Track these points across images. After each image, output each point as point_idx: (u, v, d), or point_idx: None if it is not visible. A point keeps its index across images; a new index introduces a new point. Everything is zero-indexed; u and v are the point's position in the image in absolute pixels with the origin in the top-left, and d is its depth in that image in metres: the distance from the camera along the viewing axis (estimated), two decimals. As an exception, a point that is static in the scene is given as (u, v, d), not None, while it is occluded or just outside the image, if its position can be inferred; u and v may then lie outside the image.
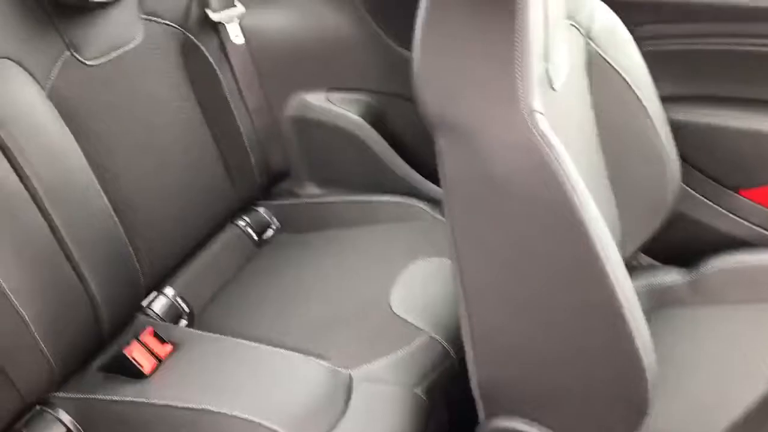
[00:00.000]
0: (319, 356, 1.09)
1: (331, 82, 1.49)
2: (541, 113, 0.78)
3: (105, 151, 1.16)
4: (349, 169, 1.52)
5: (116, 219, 1.12)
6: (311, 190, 1.58)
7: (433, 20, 0.78)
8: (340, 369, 1.06)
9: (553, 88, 0.89)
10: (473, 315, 0.88)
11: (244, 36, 1.41)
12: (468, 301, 0.88)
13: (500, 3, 0.75)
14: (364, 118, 1.48)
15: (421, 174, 1.49)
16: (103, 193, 1.11)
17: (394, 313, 1.17)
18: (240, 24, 1.40)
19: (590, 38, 1.07)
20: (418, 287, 1.23)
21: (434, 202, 1.44)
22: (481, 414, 1.04)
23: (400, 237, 1.37)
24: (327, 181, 1.56)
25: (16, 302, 0.96)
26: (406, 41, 1.38)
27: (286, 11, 1.42)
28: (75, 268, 1.04)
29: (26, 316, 0.97)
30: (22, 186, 0.99)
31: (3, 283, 0.94)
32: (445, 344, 1.13)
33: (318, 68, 1.47)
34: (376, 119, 1.50)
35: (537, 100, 0.79)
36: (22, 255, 0.97)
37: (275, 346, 1.12)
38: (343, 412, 1.01)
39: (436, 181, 1.49)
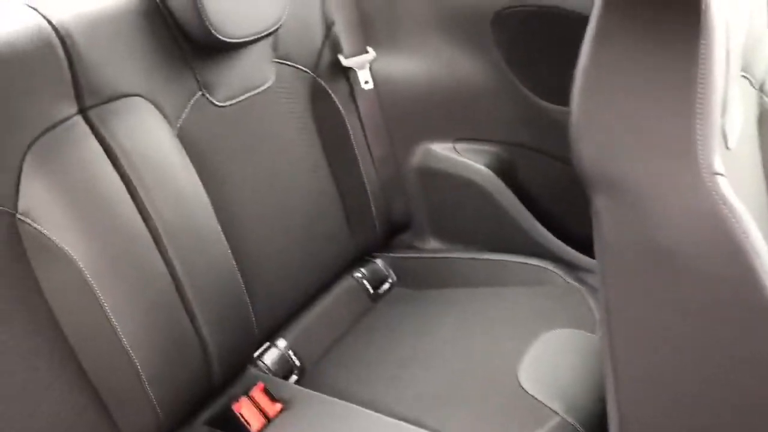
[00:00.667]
0: (440, 427, 0.99)
1: (459, 132, 1.42)
2: (723, 175, 0.67)
3: (228, 194, 1.13)
4: (474, 224, 1.43)
5: (235, 264, 1.08)
6: (432, 244, 1.49)
7: (597, 63, 0.69)
8: (461, 447, 0.96)
9: (728, 147, 0.77)
10: (624, 405, 0.76)
11: (374, 82, 1.36)
12: (619, 389, 0.75)
13: (681, 46, 0.65)
14: (492, 169, 1.39)
15: (552, 233, 1.38)
16: (223, 238, 1.07)
17: (523, 390, 1.05)
18: (370, 69, 1.36)
19: (763, 92, 0.94)
20: (549, 361, 1.11)
21: (568, 266, 1.32)
22: None
23: (530, 302, 1.26)
24: (449, 236, 1.47)
25: (128, 345, 0.92)
26: (544, 91, 1.31)
27: (417, 57, 1.37)
28: (190, 314, 1.00)
29: (137, 361, 0.93)
30: (145, 227, 0.96)
31: (117, 325, 0.91)
32: (581, 430, 1.00)
33: (446, 117, 1.40)
34: (506, 171, 1.41)
35: (717, 161, 0.67)
36: (140, 297, 0.94)
37: (388, 413, 1.02)
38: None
39: (570, 241, 1.40)
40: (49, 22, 0.91)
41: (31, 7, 0.92)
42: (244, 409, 1.02)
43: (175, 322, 0.98)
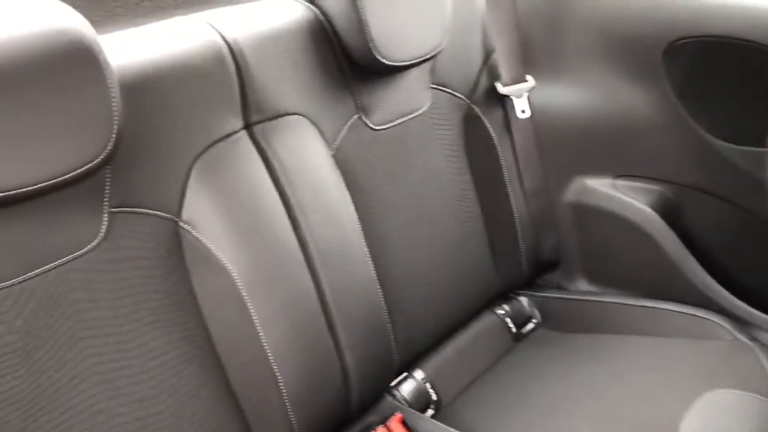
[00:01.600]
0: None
1: (620, 168, 1.33)
2: None
3: (377, 219, 1.12)
4: (630, 267, 1.33)
5: (380, 290, 1.06)
6: (582, 285, 1.41)
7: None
8: None
9: None
10: None
11: (531, 111, 1.32)
12: None
13: None
14: (655, 209, 1.29)
15: (720, 283, 1.25)
16: (371, 262, 1.05)
17: (685, 451, 0.95)
18: (528, 98, 1.31)
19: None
20: (716, 425, 0.99)
21: (736, 320, 1.20)
22: None
23: (692, 357, 1.14)
24: (602, 278, 1.38)
25: (272, 360, 0.91)
26: (720, 129, 1.20)
27: (579, 87, 1.30)
28: (334, 335, 0.99)
29: (280, 377, 0.92)
30: (298, 245, 0.97)
31: (264, 339, 0.91)
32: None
33: (607, 151, 1.33)
34: (669, 213, 1.30)
35: None
36: (288, 314, 0.94)
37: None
38: None
39: (740, 294, 1.27)
40: (224, 39, 0.94)
41: (210, 24, 0.95)
42: (380, 438, 0.98)
43: (319, 342, 0.97)
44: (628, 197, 1.31)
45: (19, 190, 0.70)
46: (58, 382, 0.78)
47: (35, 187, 0.71)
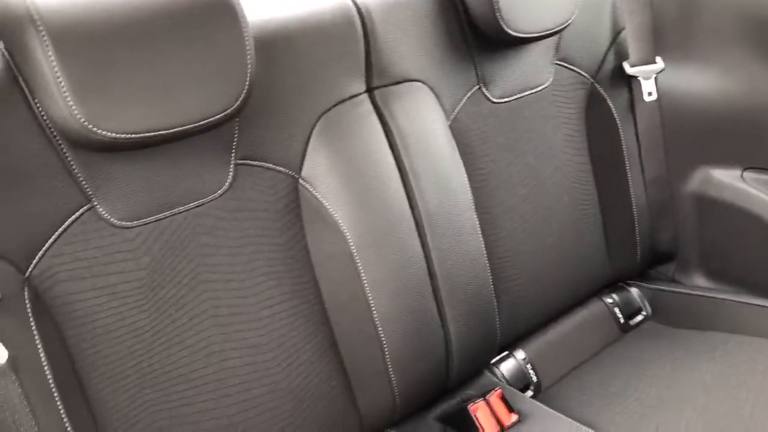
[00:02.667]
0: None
1: (750, 160, 1.25)
2: None
3: (489, 191, 1.10)
4: (753, 265, 1.26)
5: (488, 264, 1.05)
6: (697, 280, 1.34)
7: None
8: None
9: None
10: None
11: (657, 94, 1.26)
12: None
13: None
14: (786, 207, 1.21)
15: None
16: (481, 236, 1.04)
17: (806, 460, 0.89)
18: (655, 80, 1.25)
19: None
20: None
21: None
22: None
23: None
24: (720, 274, 1.31)
25: (378, 321, 0.93)
26: None
27: (711, 72, 1.23)
28: (438, 304, 0.99)
29: (384, 338, 0.93)
30: (410, 210, 0.97)
31: (372, 300, 0.92)
32: None
33: (736, 141, 1.25)
34: (801, 211, 1.22)
35: None
36: (395, 278, 0.94)
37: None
38: None
39: None
40: (354, 2, 0.95)
41: (340, -15, 0.96)
42: (480, 411, 0.98)
43: (423, 308, 0.97)
44: (757, 191, 1.23)
45: (159, 132, 0.74)
46: (178, 320, 0.82)
47: (174, 130, 0.74)
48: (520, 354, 1.18)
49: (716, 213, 1.29)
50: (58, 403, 0.71)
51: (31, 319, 0.71)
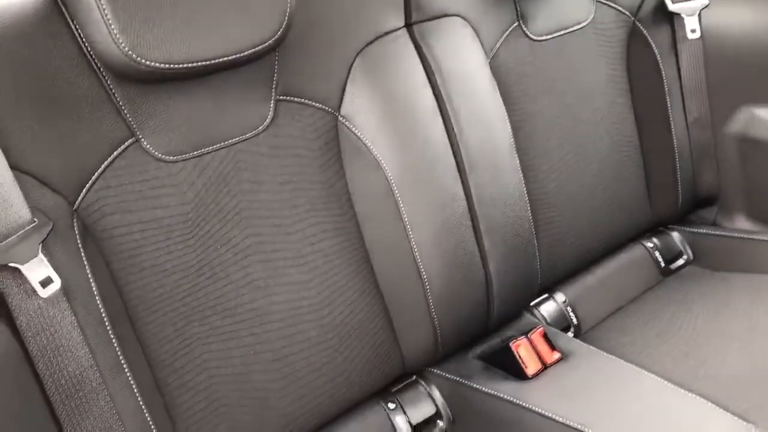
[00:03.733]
0: (737, 415, 0.86)
1: (797, 98, 1.22)
2: None
3: (528, 132, 1.09)
4: (799, 206, 1.23)
5: (528, 204, 1.04)
6: (740, 223, 1.31)
7: None
8: (771, 440, 0.82)
9: None
10: None
11: (701, 32, 1.22)
12: None
13: None
14: (835, 146, 1.18)
15: None
16: (521, 175, 1.03)
17: None
18: (699, 17, 1.22)
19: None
20: None
21: None
22: None
23: None
24: (764, 217, 1.29)
25: (419, 258, 0.92)
26: None
27: (758, 7, 1.19)
28: (479, 243, 0.98)
29: (425, 275, 0.93)
30: (449, 147, 0.96)
31: (412, 236, 0.92)
32: None
33: (783, 79, 1.22)
34: None
35: None
36: (436, 215, 0.94)
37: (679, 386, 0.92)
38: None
39: None
40: None
41: None
42: (522, 349, 0.97)
43: (464, 247, 0.97)
44: (804, 129, 1.20)
45: (201, 63, 0.73)
46: (223, 256, 0.83)
47: (216, 61, 0.74)
48: (560, 297, 1.17)
49: (761, 153, 1.26)
50: (110, 332, 0.72)
51: (81, 251, 0.71)
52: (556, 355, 0.99)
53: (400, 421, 0.97)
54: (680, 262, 1.30)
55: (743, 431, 0.82)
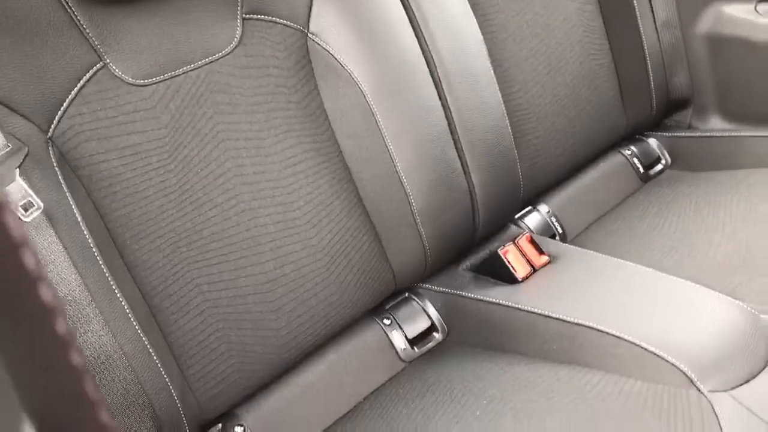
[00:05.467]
0: (726, 294, 0.87)
1: (764, -9, 1.22)
2: None
3: (500, 43, 1.08)
4: (771, 100, 1.24)
5: (505, 114, 1.03)
6: (716, 124, 1.33)
7: None
8: (760, 314, 0.84)
9: None
10: None
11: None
12: None
13: None
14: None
15: None
16: (496, 84, 1.02)
17: (837, 263, 0.90)
18: None
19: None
20: None
21: None
22: None
23: None
24: (738, 114, 1.30)
25: (401, 171, 0.92)
26: None
27: None
28: (460, 154, 0.98)
29: (409, 192, 0.93)
30: (423, 59, 0.95)
31: (393, 150, 0.91)
32: None
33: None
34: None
35: None
36: (415, 127, 0.93)
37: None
38: (763, 366, 0.79)
39: None
40: None
41: None
42: (510, 254, 0.98)
43: (445, 159, 0.97)
44: (772, 22, 1.21)
45: None
46: (205, 179, 0.82)
47: None
48: (543, 208, 1.18)
49: (731, 51, 1.26)
50: (99, 259, 0.71)
51: (61, 179, 0.70)
52: (544, 258, 1.00)
53: (396, 336, 0.98)
54: (659, 167, 1.31)
55: (732, 307, 0.84)
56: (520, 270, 0.98)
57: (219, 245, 0.83)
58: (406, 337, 0.98)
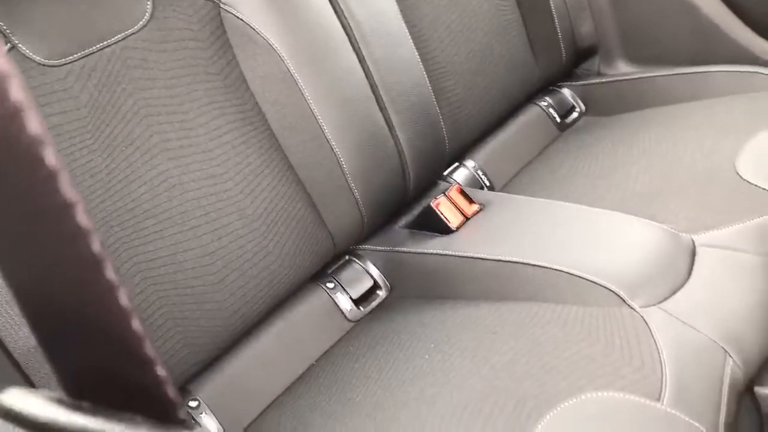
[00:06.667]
0: (648, 218, 0.93)
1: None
2: None
3: (411, 5, 1.10)
4: (672, 41, 1.31)
5: (423, 72, 1.06)
6: (622, 68, 1.39)
7: None
8: (679, 233, 0.89)
9: None
10: None
11: None
12: None
13: None
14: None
15: (763, 37, 1.23)
16: (412, 43, 1.05)
17: (744, 180, 0.96)
18: None
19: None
20: (772, 155, 1.00)
21: (783, 70, 1.19)
22: None
23: (743, 107, 1.14)
24: (642, 57, 1.36)
25: (329, 134, 0.93)
26: None
27: None
28: (384, 112, 1.00)
29: (339, 154, 0.94)
30: (338, 23, 0.96)
31: (318, 114, 0.92)
32: (815, 215, 0.90)
33: None
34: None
35: None
36: (337, 89, 0.94)
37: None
38: (686, 278, 0.84)
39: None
40: None
41: None
42: (442, 206, 1.01)
43: (370, 118, 0.98)
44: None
45: None
46: (131, 157, 0.81)
47: None
48: (470, 163, 1.22)
49: (630, -3, 1.32)
50: None
51: None
52: (475, 207, 1.03)
53: (341, 298, 0.99)
54: (574, 115, 1.37)
55: (654, 229, 0.89)
56: (453, 220, 1.00)
57: (152, 222, 0.82)
58: (351, 298, 1.00)
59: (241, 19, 0.89)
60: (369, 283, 1.01)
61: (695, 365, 0.73)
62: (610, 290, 0.81)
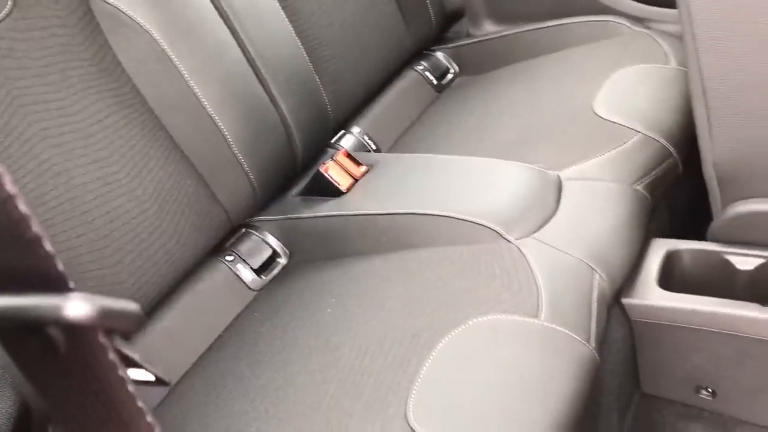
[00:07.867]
0: (519, 160, 1.00)
1: None
2: None
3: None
4: (530, -2, 1.40)
5: (299, 43, 1.09)
6: (489, 28, 1.47)
7: None
8: (546, 171, 0.97)
9: None
10: (718, 139, 0.76)
11: None
12: (713, 123, 0.75)
13: None
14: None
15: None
16: (284, 16, 1.08)
17: (601, 117, 1.05)
18: None
19: None
20: (625, 92, 1.10)
21: (634, 18, 1.29)
22: (717, 205, 0.91)
23: (597, 54, 1.24)
24: (506, 17, 1.45)
25: (214, 115, 0.95)
26: None
27: None
28: (263, 84, 1.03)
29: (223, 128, 0.96)
30: (208, 1, 0.98)
31: (198, 90, 0.94)
32: (664, 142, 1.00)
33: None
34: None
35: None
36: (214, 65, 0.97)
37: (469, 159, 1.05)
38: (555, 210, 0.92)
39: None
40: None
41: None
42: (331, 170, 1.05)
43: (251, 92, 1.01)
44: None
45: None
46: (10, 148, 0.80)
47: None
48: (355, 129, 1.26)
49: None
50: None
51: None
52: (363, 168, 1.08)
53: (242, 269, 1.02)
54: (449, 76, 1.44)
55: (523, 169, 0.97)
56: (342, 182, 1.05)
57: (42, 210, 0.82)
58: (252, 268, 1.02)
59: (110, 3, 0.90)
60: (268, 253, 1.04)
61: (567, 283, 0.81)
62: (489, 228, 0.88)
